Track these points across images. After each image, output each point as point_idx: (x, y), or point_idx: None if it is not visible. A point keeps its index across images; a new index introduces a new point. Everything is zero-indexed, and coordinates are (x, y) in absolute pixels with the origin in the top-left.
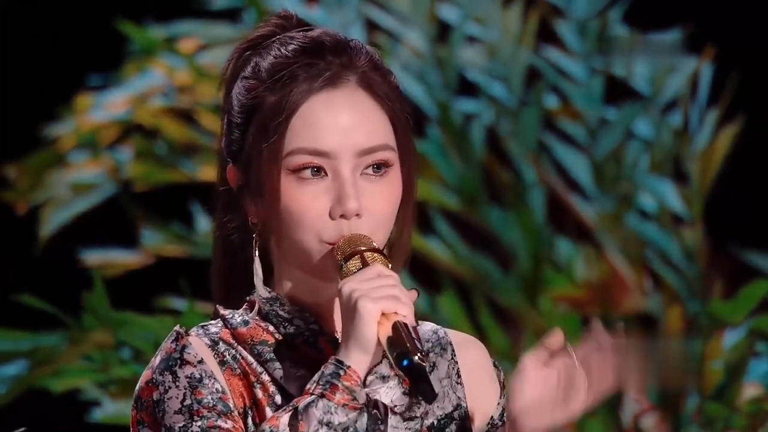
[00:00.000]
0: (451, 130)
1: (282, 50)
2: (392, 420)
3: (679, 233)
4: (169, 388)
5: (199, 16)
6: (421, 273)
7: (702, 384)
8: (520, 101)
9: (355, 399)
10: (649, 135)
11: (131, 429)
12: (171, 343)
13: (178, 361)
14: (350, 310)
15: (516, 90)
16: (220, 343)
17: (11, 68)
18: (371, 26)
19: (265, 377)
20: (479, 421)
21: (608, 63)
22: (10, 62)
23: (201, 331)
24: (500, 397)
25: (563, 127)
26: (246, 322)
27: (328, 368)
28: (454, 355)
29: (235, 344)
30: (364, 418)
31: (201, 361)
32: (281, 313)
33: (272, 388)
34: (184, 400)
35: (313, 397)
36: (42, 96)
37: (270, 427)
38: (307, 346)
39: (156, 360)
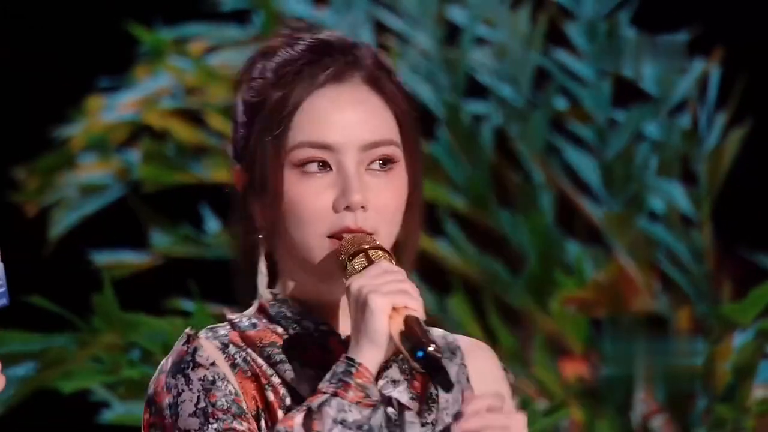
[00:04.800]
0: (459, 132)
1: (288, 50)
2: (408, 415)
3: (688, 234)
4: (182, 391)
5: (209, 18)
6: (430, 275)
7: (711, 385)
8: (529, 103)
9: (368, 396)
10: (658, 136)
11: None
12: (183, 345)
13: (191, 364)
14: (360, 306)
15: (525, 91)
16: (230, 345)
17: (22, 70)
18: (380, 28)
19: (276, 379)
20: None
21: (617, 65)
22: (21, 64)
23: (210, 334)
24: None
25: (572, 129)
26: (254, 325)
27: (340, 366)
28: (464, 360)
29: (245, 347)
30: (378, 415)
31: (213, 364)
32: (288, 314)
33: (283, 390)
34: (198, 402)
35: (326, 395)
36: (52, 98)
37: (284, 428)
38: (317, 347)
39: (168, 363)
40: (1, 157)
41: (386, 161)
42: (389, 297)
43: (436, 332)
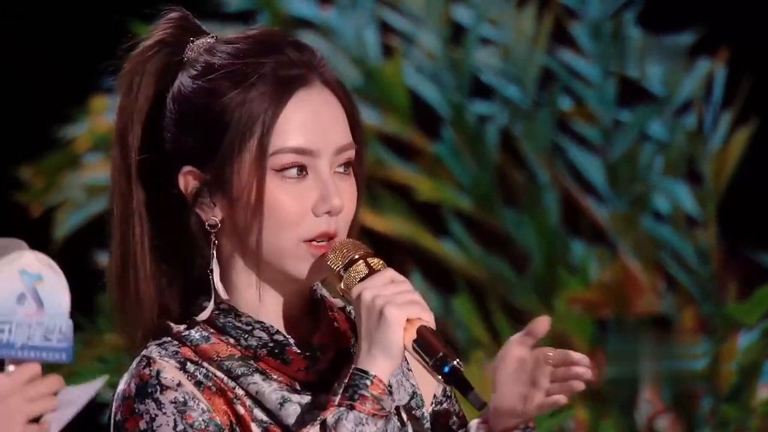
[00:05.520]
0: (465, 132)
1: (236, 47)
2: (413, 425)
3: (693, 235)
4: (156, 415)
5: (213, 19)
6: (435, 275)
7: (717, 385)
8: (534, 103)
9: (382, 408)
10: (663, 136)
11: None
12: (144, 369)
13: (158, 387)
14: (374, 317)
15: (530, 91)
16: (188, 363)
17: (26, 70)
18: (385, 28)
19: (240, 392)
20: (427, 403)
21: (622, 65)
22: (26, 64)
23: (163, 353)
24: None
25: (577, 129)
26: (207, 338)
27: (353, 378)
28: None
29: (201, 361)
30: (391, 424)
31: (180, 384)
32: (238, 324)
33: (249, 402)
34: (176, 426)
35: (342, 409)
36: (57, 98)
37: None
38: (273, 357)
39: (131, 388)
40: (7, 156)
41: (348, 164)
42: (404, 309)
43: None
